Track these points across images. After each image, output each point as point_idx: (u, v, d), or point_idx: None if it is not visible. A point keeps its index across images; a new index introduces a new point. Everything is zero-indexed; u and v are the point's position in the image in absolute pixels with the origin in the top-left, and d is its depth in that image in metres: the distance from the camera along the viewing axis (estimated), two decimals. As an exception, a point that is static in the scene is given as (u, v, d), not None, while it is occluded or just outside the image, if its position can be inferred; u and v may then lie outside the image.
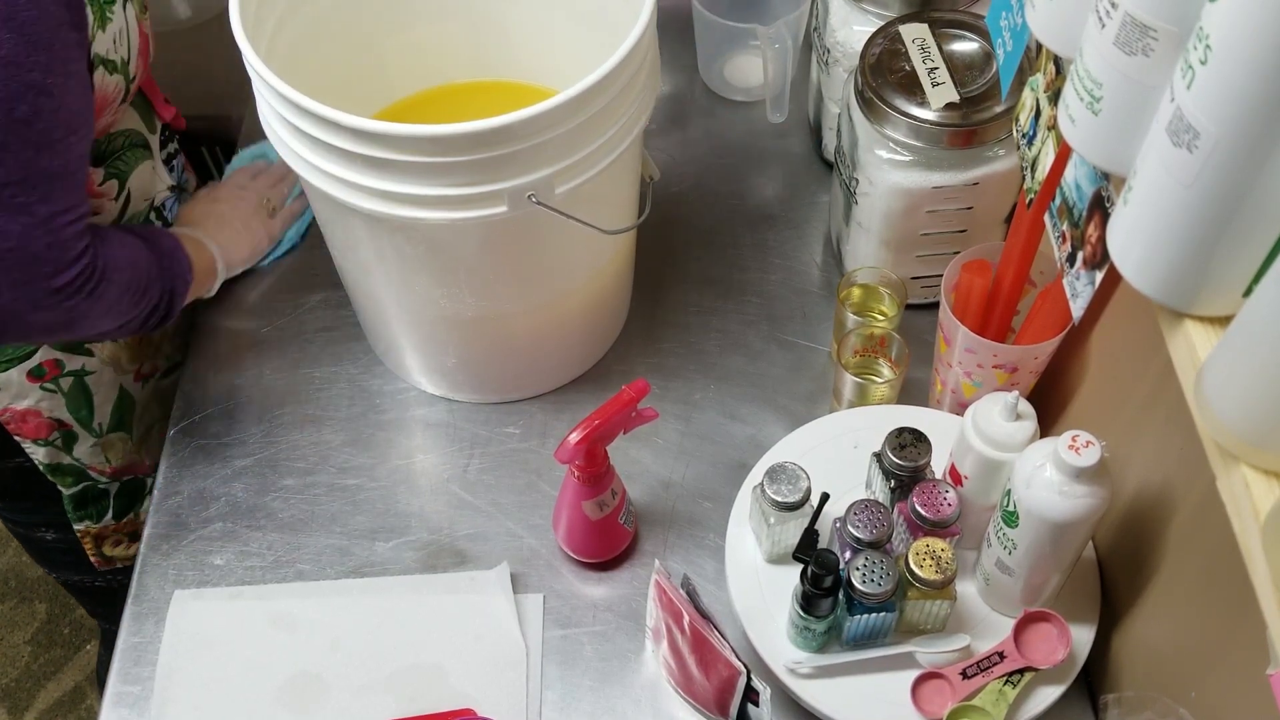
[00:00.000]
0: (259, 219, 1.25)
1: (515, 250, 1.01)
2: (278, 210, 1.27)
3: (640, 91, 0.97)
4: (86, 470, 1.24)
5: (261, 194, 1.26)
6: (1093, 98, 0.65)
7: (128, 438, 1.25)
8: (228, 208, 1.23)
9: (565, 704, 1.00)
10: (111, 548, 1.34)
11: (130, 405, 1.24)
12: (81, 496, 1.26)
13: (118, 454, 1.25)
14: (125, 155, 1.11)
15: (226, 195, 1.25)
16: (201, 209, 1.22)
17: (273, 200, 1.27)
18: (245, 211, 1.24)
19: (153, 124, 1.16)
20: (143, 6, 1.07)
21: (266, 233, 1.25)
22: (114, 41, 0.99)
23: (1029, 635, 0.93)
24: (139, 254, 1.05)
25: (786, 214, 1.32)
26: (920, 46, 1.08)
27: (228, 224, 1.21)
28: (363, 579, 1.07)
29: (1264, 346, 0.54)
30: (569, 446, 0.92)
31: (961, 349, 1.01)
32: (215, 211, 1.22)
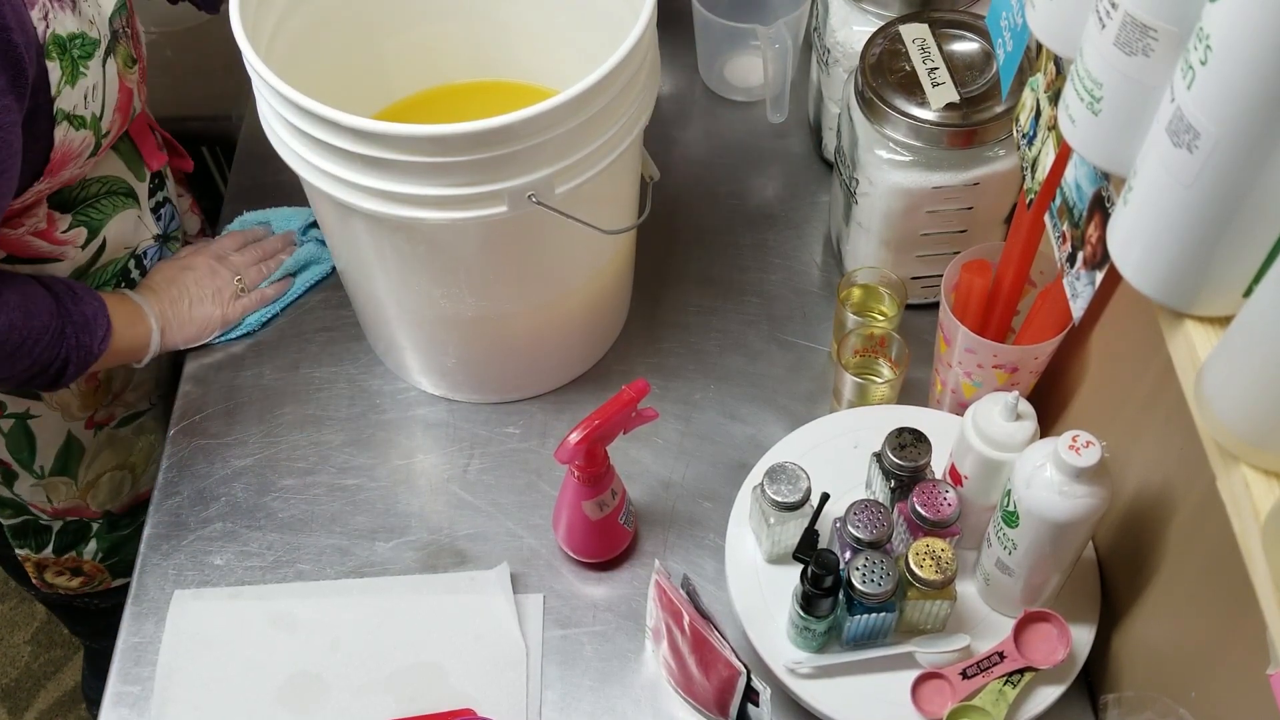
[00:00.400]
0: (220, 300, 1.18)
1: (515, 250, 1.01)
2: (248, 291, 1.20)
3: (640, 91, 0.97)
4: (27, 506, 1.22)
5: (237, 270, 1.20)
6: (1093, 98, 0.65)
7: (72, 482, 1.22)
8: (193, 279, 1.17)
9: (565, 704, 1.00)
10: (54, 576, 1.32)
11: (78, 452, 1.20)
12: (21, 528, 1.24)
13: (60, 496, 1.23)
14: (101, 203, 1.07)
15: (197, 265, 1.18)
16: (167, 274, 1.16)
17: (246, 280, 1.20)
18: (211, 288, 1.17)
19: (140, 172, 1.13)
20: (131, 60, 1.04)
21: (222, 315, 1.18)
22: (85, 97, 0.97)
23: (1029, 635, 0.93)
24: (29, 318, 0.98)
25: (786, 214, 1.32)
26: (920, 46, 1.08)
27: (184, 297, 1.16)
28: (363, 579, 1.07)
29: (1264, 346, 0.54)
30: (569, 446, 0.92)
31: (961, 349, 1.01)
32: (177, 280, 1.16)
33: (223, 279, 1.18)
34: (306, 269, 1.24)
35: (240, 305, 1.20)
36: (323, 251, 1.25)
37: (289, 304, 1.23)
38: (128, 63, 1.03)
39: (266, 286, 1.22)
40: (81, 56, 0.95)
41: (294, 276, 1.24)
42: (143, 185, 1.13)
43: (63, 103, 0.94)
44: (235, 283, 1.19)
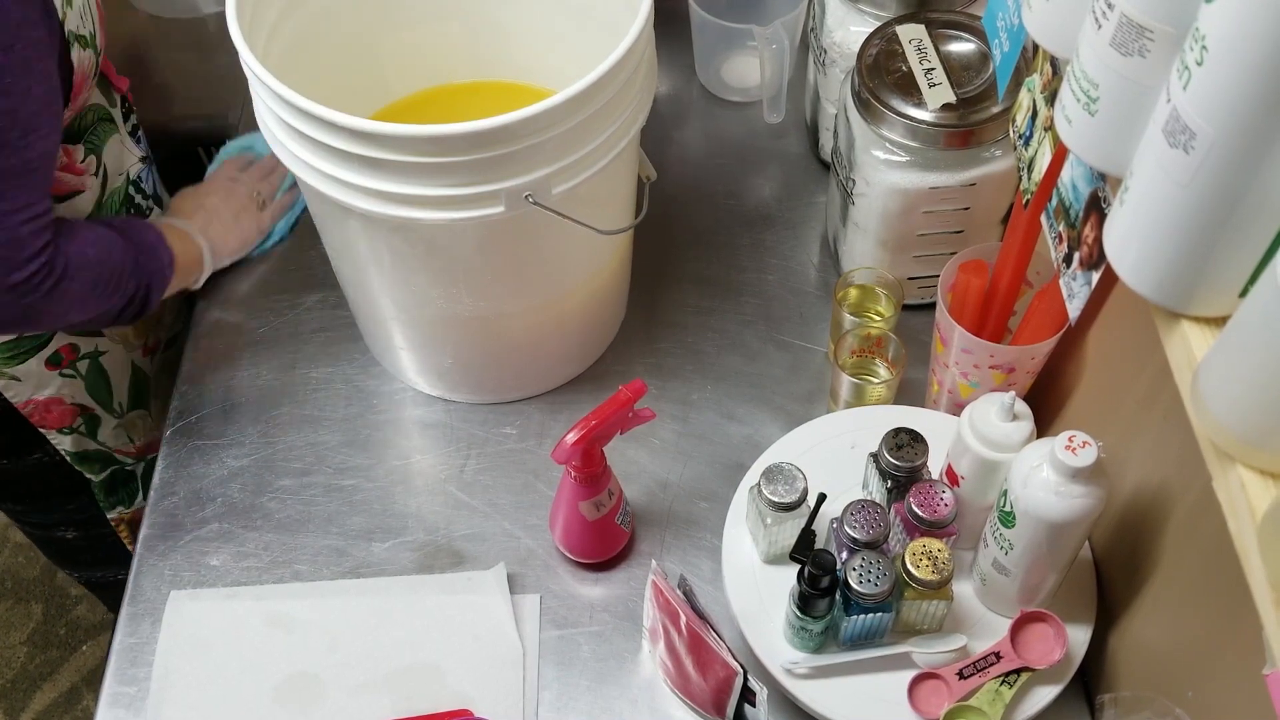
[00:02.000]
0: (249, 212, 1.25)
1: (512, 251, 1.01)
2: (268, 203, 1.28)
3: (637, 92, 0.97)
4: (113, 454, 1.25)
5: (252, 187, 1.26)
6: (1089, 98, 0.65)
7: (146, 414, 1.28)
8: (219, 200, 1.23)
9: (562, 704, 1.00)
10: None
11: (144, 381, 1.26)
12: (110, 482, 1.27)
13: (139, 432, 1.27)
14: (97, 130, 1.11)
15: (217, 188, 1.25)
16: (193, 202, 1.23)
17: (263, 193, 1.27)
18: (236, 205, 1.24)
19: (113, 97, 1.16)
20: None
21: (256, 225, 1.26)
22: (81, 16, 1.00)
23: (1026, 635, 0.93)
24: (112, 250, 1.05)
25: (783, 214, 1.32)
26: (917, 47, 1.08)
27: (218, 217, 1.22)
28: (360, 579, 1.07)
29: (1260, 347, 0.54)
30: (566, 447, 0.92)
31: (958, 349, 1.02)
32: (206, 205, 1.22)
33: (242, 195, 1.25)
34: None
35: (268, 214, 1.27)
36: None
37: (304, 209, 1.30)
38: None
39: (282, 195, 1.29)
40: None
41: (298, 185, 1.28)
42: (117, 110, 1.16)
43: (70, 24, 0.97)
44: (256, 196, 1.26)
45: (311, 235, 1.20)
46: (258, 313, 1.25)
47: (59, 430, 1.18)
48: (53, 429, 1.18)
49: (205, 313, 1.25)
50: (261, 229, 1.27)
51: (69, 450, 1.21)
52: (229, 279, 1.27)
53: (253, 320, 1.24)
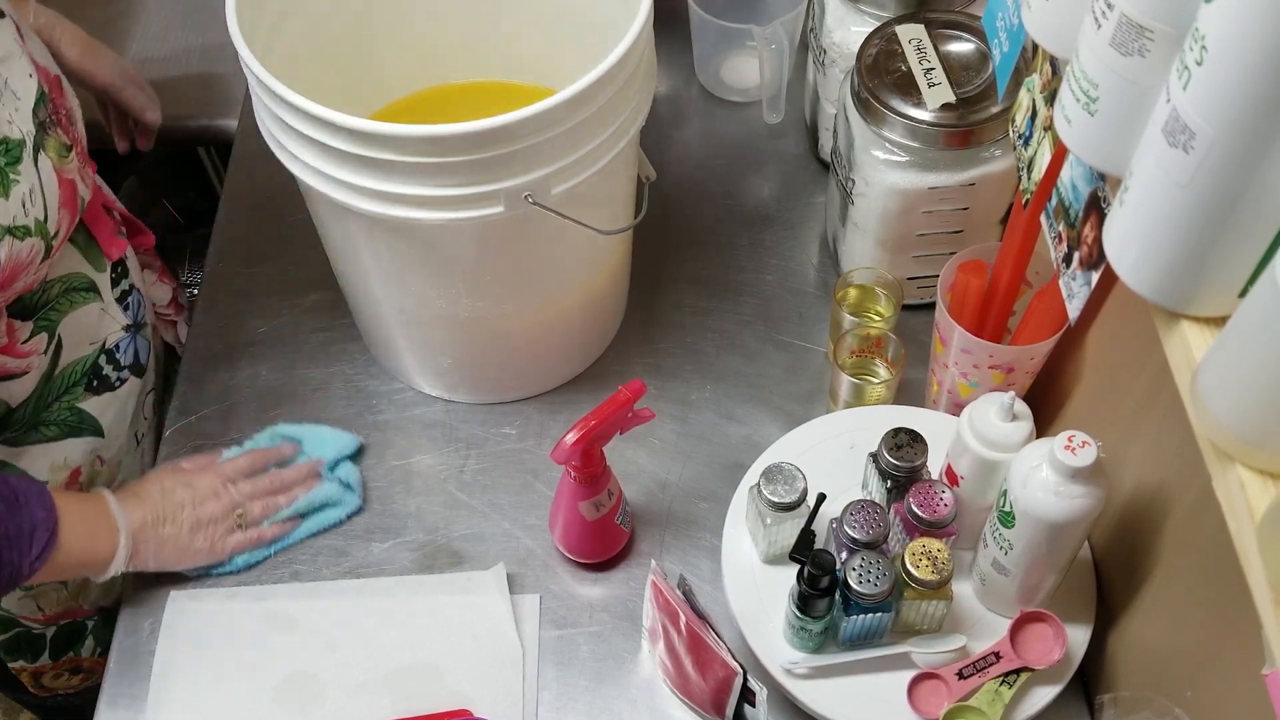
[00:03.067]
0: (212, 531, 1.04)
1: (511, 251, 1.01)
2: (245, 527, 1.06)
3: (637, 92, 0.97)
4: (17, 619, 1.14)
5: (239, 502, 1.06)
6: (1089, 98, 0.65)
7: (62, 587, 1.13)
8: (190, 499, 1.03)
9: (561, 704, 1.00)
10: (53, 680, 1.25)
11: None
12: (13, 642, 1.17)
13: (51, 603, 1.14)
14: (59, 302, 0.99)
15: (200, 486, 1.05)
16: (165, 484, 1.04)
17: (248, 516, 1.06)
18: (203, 517, 1.04)
19: (100, 262, 1.05)
20: (65, 148, 0.96)
21: (209, 549, 1.04)
22: (23, 205, 0.89)
23: (1025, 635, 0.93)
24: None
25: (783, 214, 1.32)
26: (916, 47, 1.08)
27: (171, 520, 1.02)
28: (359, 579, 1.07)
29: (1260, 347, 0.54)
30: (565, 447, 0.92)
31: (958, 349, 1.02)
32: (172, 497, 1.03)
33: (221, 507, 1.05)
34: (321, 511, 1.10)
35: (232, 542, 1.05)
36: (344, 495, 1.10)
37: (284, 547, 1.09)
38: (61, 154, 0.95)
39: (267, 526, 1.07)
40: (8, 163, 0.88)
41: (303, 518, 1.09)
42: (104, 275, 1.05)
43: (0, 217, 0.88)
44: (235, 515, 1.05)
45: (312, 235, 1.20)
46: (258, 313, 1.25)
47: None
48: None
49: (204, 312, 1.25)
50: (215, 552, 1.04)
51: None
52: (229, 279, 1.27)
53: (253, 320, 1.24)
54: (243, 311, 1.25)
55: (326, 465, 1.11)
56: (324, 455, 1.12)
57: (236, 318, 1.25)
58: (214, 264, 1.29)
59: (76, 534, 0.94)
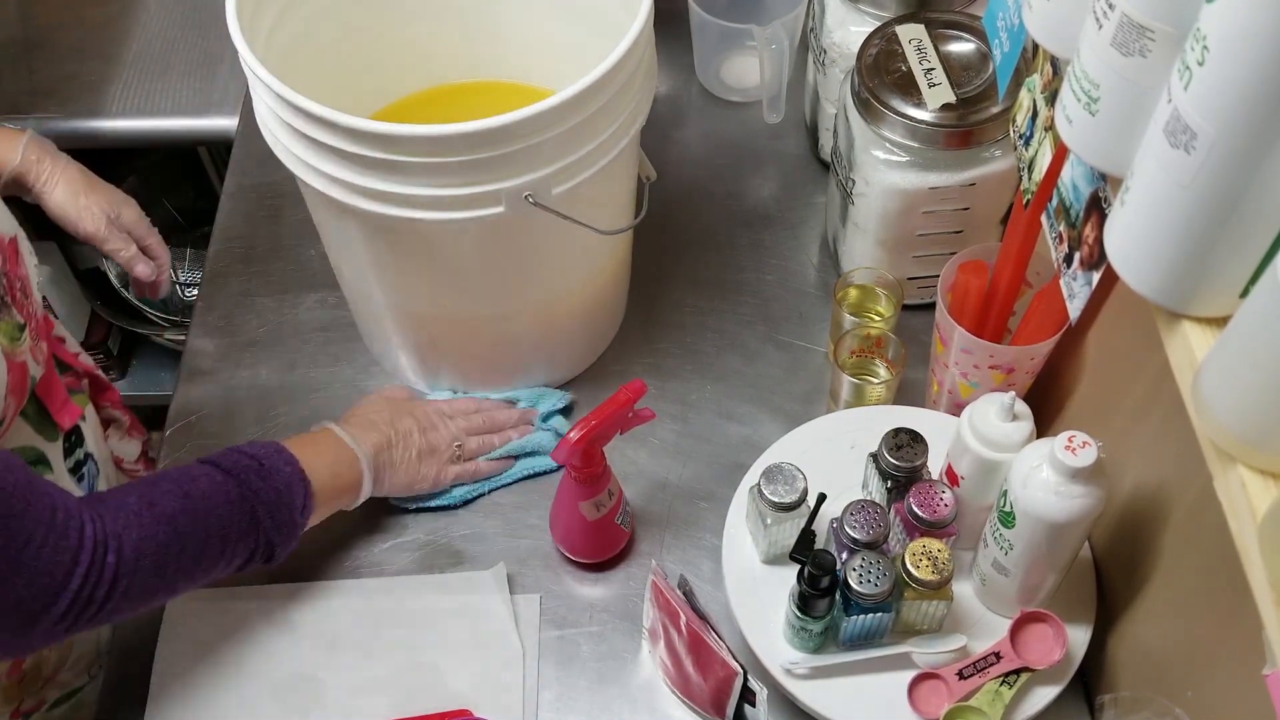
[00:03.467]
0: (436, 458, 1.07)
1: (512, 251, 1.01)
2: (462, 459, 1.09)
3: (637, 92, 0.97)
4: None
5: (459, 436, 1.09)
6: (1090, 98, 0.65)
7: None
8: (413, 427, 1.06)
9: (562, 704, 1.00)
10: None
11: None
12: None
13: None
14: None
15: (422, 415, 1.08)
16: (389, 414, 1.06)
17: (465, 448, 1.09)
18: (428, 443, 1.07)
19: (51, 433, 0.95)
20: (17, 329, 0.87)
21: (435, 475, 1.07)
22: None
23: (1025, 635, 0.93)
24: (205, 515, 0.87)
25: (783, 214, 1.32)
26: (917, 47, 1.08)
27: (400, 443, 1.04)
28: (359, 579, 1.07)
29: (1261, 347, 0.54)
30: (566, 447, 0.92)
31: (958, 349, 1.02)
32: (398, 425, 1.05)
33: (442, 438, 1.08)
34: (532, 456, 1.13)
35: (453, 471, 1.08)
36: (552, 442, 1.13)
37: (499, 486, 1.12)
38: (13, 336, 0.87)
39: (483, 461, 1.11)
40: None
41: (515, 459, 1.13)
42: (55, 445, 0.96)
43: None
44: (454, 446, 1.08)
45: (311, 235, 1.20)
46: (258, 313, 1.25)
47: None
48: None
49: (204, 312, 1.25)
50: (439, 481, 1.08)
51: None
52: (229, 279, 1.27)
53: (253, 320, 1.24)
54: (243, 311, 1.25)
55: (540, 416, 1.15)
56: (536, 406, 1.16)
57: (236, 318, 1.25)
58: (214, 264, 1.29)
59: (324, 476, 0.97)
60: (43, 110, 1.52)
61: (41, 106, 1.53)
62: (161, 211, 1.80)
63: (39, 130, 1.12)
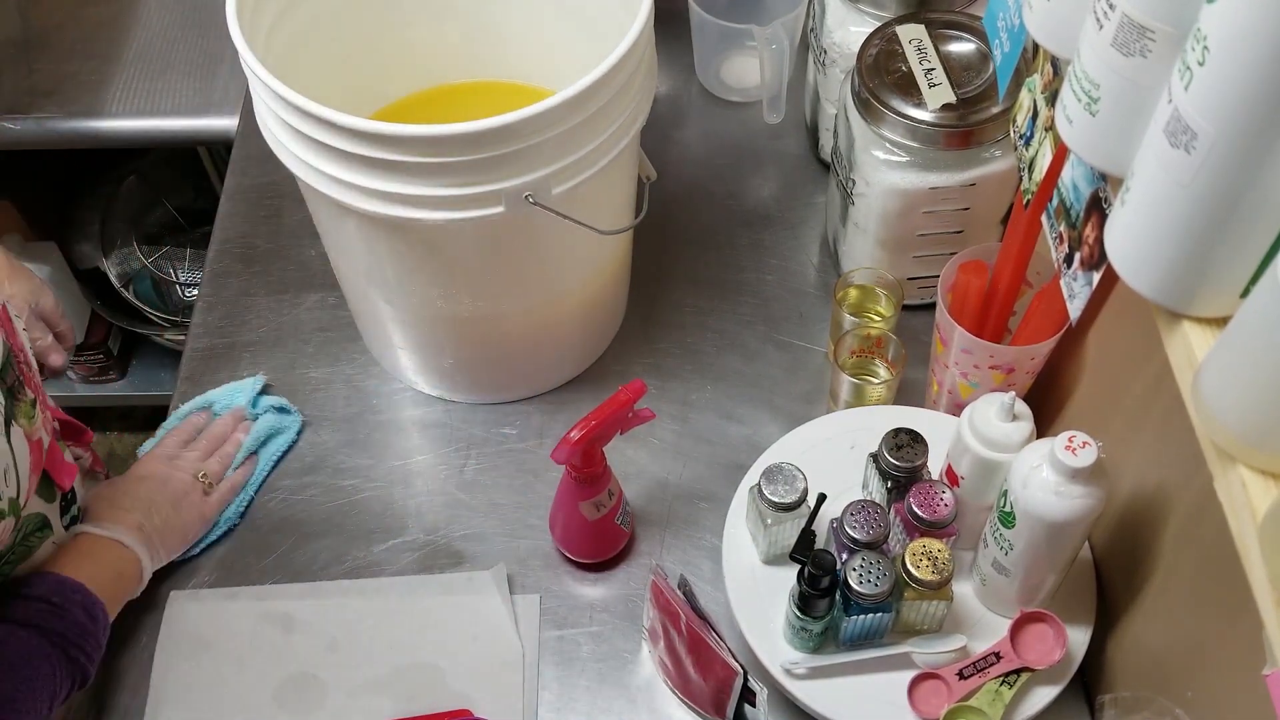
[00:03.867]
0: (190, 500, 1.06)
1: (512, 251, 1.01)
2: (214, 485, 1.08)
3: (637, 92, 0.97)
4: None
5: (195, 467, 1.08)
6: (1090, 98, 0.65)
7: None
8: (154, 487, 1.04)
9: (562, 704, 1.00)
10: None
11: None
12: None
13: None
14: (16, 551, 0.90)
15: (151, 472, 1.06)
16: (123, 489, 1.03)
17: (209, 474, 1.08)
18: (176, 491, 1.05)
19: (52, 494, 0.95)
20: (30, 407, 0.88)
21: (199, 515, 1.06)
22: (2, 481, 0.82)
23: (1025, 635, 0.93)
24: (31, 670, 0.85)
25: (783, 214, 1.32)
26: (917, 47, 1.08)
27: (155, 510, 1.02)
28: (359, 580, 1.07)
29: (1261, 347, 0.54)
30: (566, 447, 0.92)
31: (958, 350, 1.02)
32: (141, 495, 1.03)
33: (183, 480, 1.06)
34: (270, 441, 1.14)
35: (213, 501, 1.08)
36: (283, 419, 1.15)
37: (262, 483, 1.12)
38: (29, 416, 0.87)
39: (233, 474, 1.10)
40: None
41: (257, 454, 1.13)
42: (54, 506, 0.96)
43: None
44: (201, 479, 1.07)
45: (311, 235, 1.20)
46: (258, 313, 1.25)
47: None
48: None
49: (204, 312, 1.25)
50: (206, 518, 1.07)
51: None
52: (229, 279, 1.27)
53: (253, 320, 1.24)
54: (243, 311, 1.25)
55: (248, 406, 1.15)
56: (237, 402, 1.15)
57: (236, 318, 1.25)
58: (214, 264, 1.29)
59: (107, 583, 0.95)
60: (42, 110, 1.52)
61: (41, 106, 1.53)
62: (161, 211, 1.80)
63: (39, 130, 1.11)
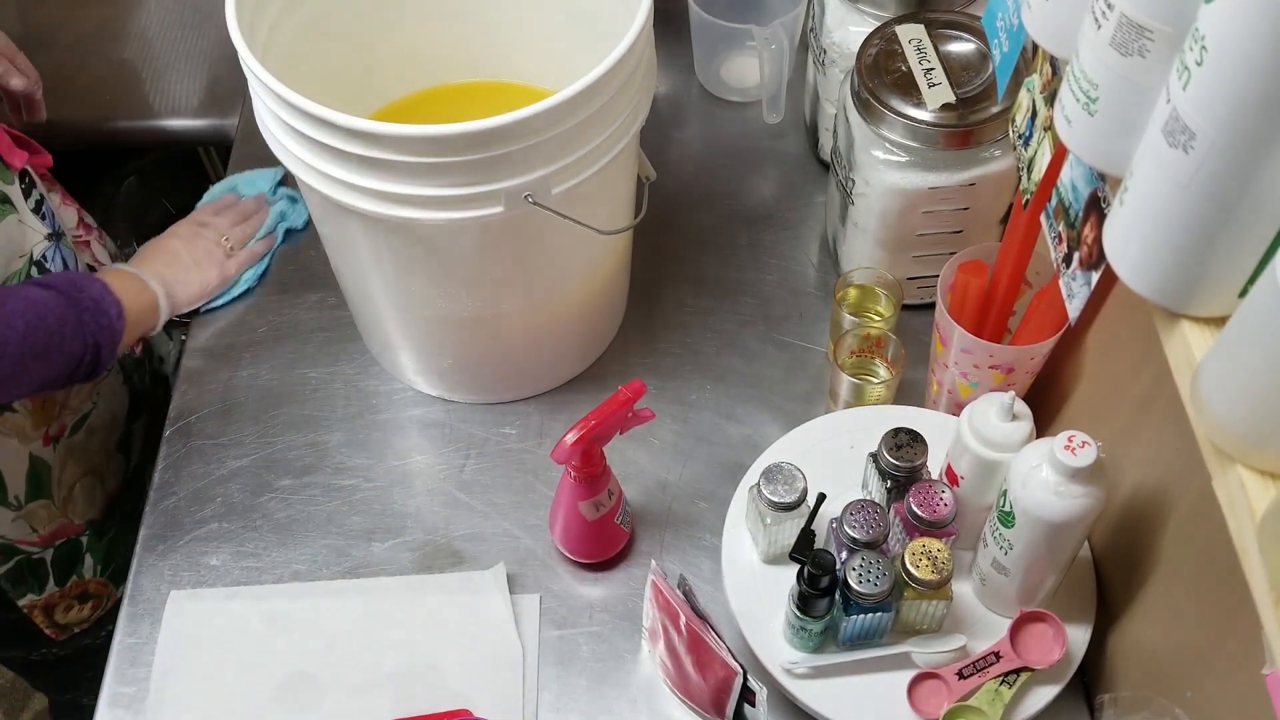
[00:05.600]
0: (213, 258, 1.22)
1: (511, 251, 1.01)
2: (236, 250, 1.24)
3: (636, 92, 0.97)
4: (15, 545, 1.18)
5: (221, 232, 1.24)
6: (1089, 99, 0.65)
7: (50, 503, 1.19)
8: (180, 244, 1.20)
9: (561, 704, 1.00)
10: (64, 614, 1.28)
11: (45, 470, 1.17)
12: (16, 572, 1.20)
13: (42, 522, 1.19)
14: None
15: (181, 232, 1.22)
16: (153, 246, 1.20)
17: (232, 240, 1.24)
18: (198, 250, 1.21)
19: (5, 174, 1.06)
20: None
21: (220, 273, 1.22)
22: None
23: (1025, 635, 0.93)
24: (45, 316, 0.98)
25: (783, 214, 1.32)
26: (916, 47, 1.08)
27: (178, 261, 1.19)
28: (359, 579, 1.07)
29: (1260, 347, 0.54)
30: (565, 447, 0.92)
31: (958, 349, 1.02)
32: (167, 248, 1.20)
33: (210, 241, 1.22)
34: (284, 222, 1.30)
35: (234, 263, 1.23)
36: (293, 207, 1.31)
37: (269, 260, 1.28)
38: None
39: (254, 244, 1.26)
40: None
41: (275, 232, 1.29)
42: (14, 187, 1.07)
43: None
44: (224, 243, 1.23)
45: (311, 235, 1.20)
46: (258, 313, 1.25)
47: None
48: None
49: (204, 314, 1.25)
50: (225, 277, 1.23)
51: None
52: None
53: (253, 320, 1.24)
54: (243, 311, 1.25)
55: (269, 192, 1.30)
56: (261, 188, 1.31)
57: (236, 318, 1.25)
58: (214, 264, 1.29)
59: (128, 295, 1.08)
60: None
61: (41, 106, 1.53)
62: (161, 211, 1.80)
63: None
